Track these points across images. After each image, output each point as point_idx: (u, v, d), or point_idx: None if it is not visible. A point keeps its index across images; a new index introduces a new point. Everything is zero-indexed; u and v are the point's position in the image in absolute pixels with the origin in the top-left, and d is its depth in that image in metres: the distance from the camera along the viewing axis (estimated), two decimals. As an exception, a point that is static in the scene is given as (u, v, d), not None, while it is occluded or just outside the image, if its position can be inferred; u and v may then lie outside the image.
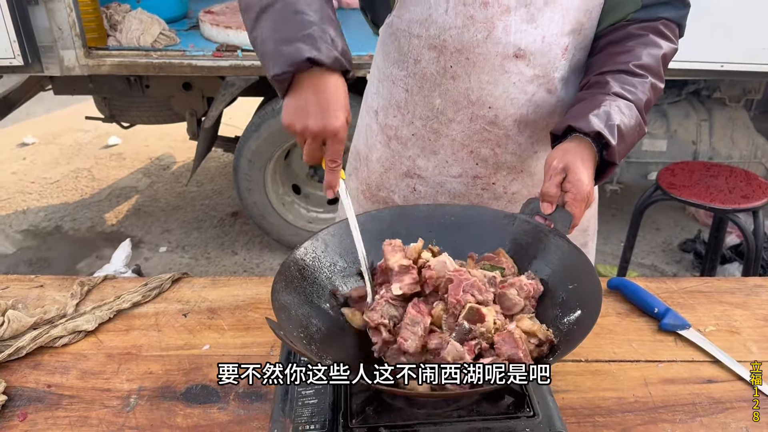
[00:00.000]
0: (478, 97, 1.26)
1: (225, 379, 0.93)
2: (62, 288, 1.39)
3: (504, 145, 1.32)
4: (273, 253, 3.87)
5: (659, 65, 1.23)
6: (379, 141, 1.41)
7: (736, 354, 1.19)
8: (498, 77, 1.24)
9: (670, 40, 1.26)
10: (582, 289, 1.00)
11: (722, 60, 3.06)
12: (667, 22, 1.25)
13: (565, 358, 0.95)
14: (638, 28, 1.24)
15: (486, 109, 1.27)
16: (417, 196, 1.41)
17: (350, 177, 1.55)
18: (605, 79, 1.20)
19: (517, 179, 1.37)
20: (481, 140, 1.31)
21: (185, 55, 3.18)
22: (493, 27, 1.19)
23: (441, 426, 0.92)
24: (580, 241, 1.49)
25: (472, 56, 1.22)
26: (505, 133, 1.30)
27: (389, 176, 1.42)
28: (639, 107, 1.19)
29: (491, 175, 1.36)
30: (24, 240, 4.04)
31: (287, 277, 1.03)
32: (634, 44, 1.22)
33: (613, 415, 1.06)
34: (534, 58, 1.22)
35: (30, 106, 4.22)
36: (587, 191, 1.09)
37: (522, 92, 1.26)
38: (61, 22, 2.96)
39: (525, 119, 1.29)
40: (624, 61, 1.21)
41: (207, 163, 4.86)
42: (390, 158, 1.41)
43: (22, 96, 3.78)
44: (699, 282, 1.42)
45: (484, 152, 1.33)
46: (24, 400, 1.09)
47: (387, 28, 1.30)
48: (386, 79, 1.36)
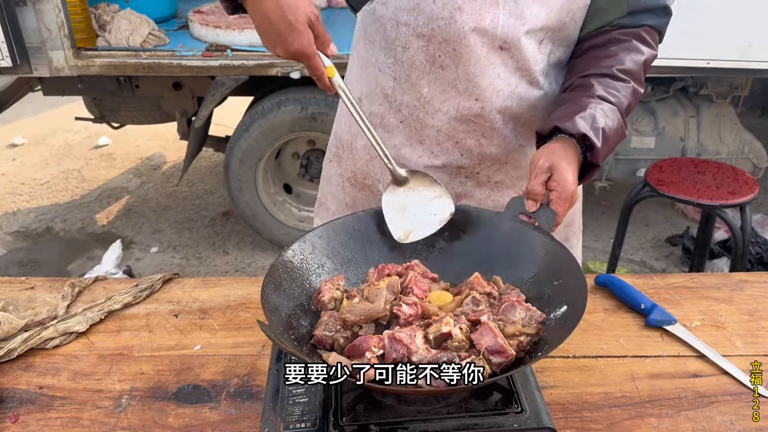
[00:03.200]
0: (465, 87, 1.27)
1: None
2: (53, 289, 1.40)
3: (489, 137, 1.33)
4: (264, 252, 3.88)
5: (641, 70, 1.26)
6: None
7: (722, 349, 1.21)
8: (484, 68, 1.25)
9: (651, 46, 1.29)
10: (567, 286, 1.02)
11: (709, 57, 3.08)
12: (650, 29, 1.28)
13: (552, 354, 0.96)
14: (622, 34, 1.26)
15: (473, 101, 1.28)
16: None
17: (331, 163, 1.55)
18: (590, 82, 1.22)
19: (501, 170, 1.39)
20: (467, 131, 1.32)
21: (175, 55, 3.18)
22: (481, 19, 1.20)
23: (430, 423, 0.93)
24: (561, 236, 1.51)
25: (459, 47, 1.23)
26: (490, 125, 1.31)
27: (374, 165, 1.43)
28: (621, 110, 1.21)
29: (476, 166, 1.38)
30: (14, 241, 4.03)
31: (276, 279, 1.04)
32: (618, 49, 1.25)
33: (601, 410, 1.07)
34: (517, 51, 1.24)
35: (19, 106, 4.20)
36: (572, 190, 1.11)
37: (506, 84, 1.27)
38: (50, 22, 2.95)
39: (509, 111, 1.30)
40: (608, 65, 1.23)
41: (198, 162, 4.85)
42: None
43: (12, 97, 3.76)
44: (685, 278, 1.44)
45: (470, 143, 1.34)
46: (16, 401, 1.10)
47: (369, 15, 1.31)
48: (371, 66, 1.36)
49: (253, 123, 3.40)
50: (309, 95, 3.32)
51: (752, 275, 1.45)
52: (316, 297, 1.07)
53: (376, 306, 1.01)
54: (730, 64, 3.13)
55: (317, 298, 1.07)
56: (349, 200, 1.50)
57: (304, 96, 3.33)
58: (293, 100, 3.33)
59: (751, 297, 1.37)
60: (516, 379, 0.99)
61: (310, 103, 3.33)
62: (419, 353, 0.92)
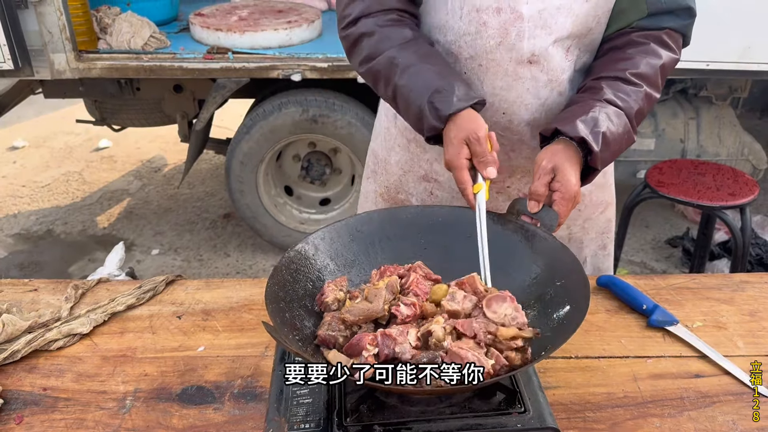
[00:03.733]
0: (491, 102, 1.28)
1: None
2: (56, 291, 1.40)
3: (518, 150, 1.34)
4: (266, 254, 3.88)
5: (657, 75, 1.23)
6: (398, 144, 1.43)
7: (723, 349, 1.21)
8: (511, 83, 1.25)
9: (672, 50, 1.26)
10: (570, 286, 1.02)
11: (708, 59, 3.09)
12: (671, 32, 1.25)
13: (555, 355, 0.97)
14: (641, 36, 1.24)
15: (500, 115, 1.29)
16: (434, 200, 1.43)
17: (368, 180, 1.56)
18: (600, 84, 1.21)
19: (530, 182, 1.38)
20: None
21: (176, 57, 3.18)
22: (506, 33, 1.21)
23: (434, 423, 0.93)
24: (599, 242, 1.53)
25: (484, 62, 1.24)
26: (519, 138, 1.32)
27: (407, 179, 1.44)
28: (629, 115, 1.19)
29: (505, 179, 1.38)
30: (15, 244, 4.03)
31: (279, 280, 1.04)
32: (635, 52, 1.23)
33: (603, 410, 1.08)
34: (547, 63, 1.24)
35: (20, 109, 4.21)
36: (575, 191, 1.12)
37: (535, 97, 1.27)
38: (51, 25, 2.96)
39: (538, 123, 1.30)
40: (621, 69, 1.21)
41: (199, 165, 4.85)
42: (408, 161, 1.43)
43: (13, 99, 3.76)
44: (686, 279, 1.44)
45: (499, 157, 1.34)
46: (20, 403, 1.10)
47: None
48: None
49: (254, 125, 3.40)
50: (310, 97, 3.33)
51: (753, 276, 1.46)
52: (320, 298, 1.08)
53: (375, 306, 1.01)
54: (729, 66, 3.13)
55: (320, 299, 1.07)
56: None
57: (305, 98, 3.33)
58: (294, 103, 3.34)
59: (752, 297, 1.37)
60: (519, 379, 0.99)
61: (311, 106, 3.33)
62: (404, 348, 0.93)
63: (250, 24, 3.36)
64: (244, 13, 3.57)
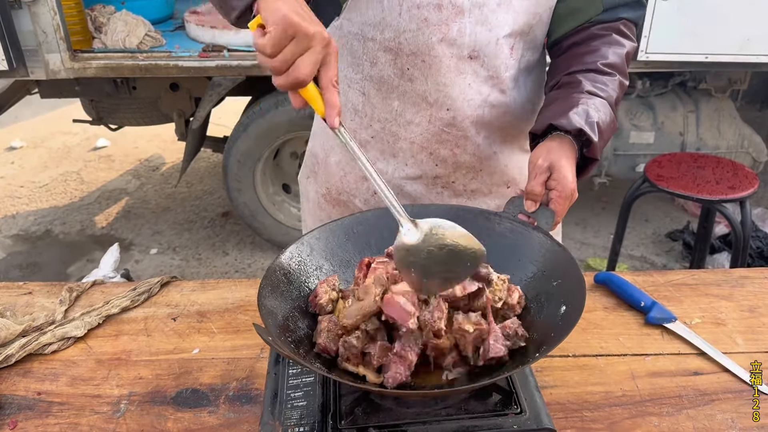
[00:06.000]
0: (435, 98, 1.27)
1: None
2: (51, 294, 1.39)
3: (463, 146, 1.33)
4: (264, 252, 3.87)
5: (624, 63, 1.26)
6: (336, 144, 1.41)
7: (722, 346, 1.20)
8: (454, 78, 1.24)
9: (630, 39, 1.29)
10: (566, 285, 1.01)
11: (707, 51, 3.08)
12: (627, 22, 1.28)
13: (552, 354, 0.96)
14: (601, 29, 1.26)
15: (444, 111, 1.28)
16: (377, 199, 1.40)
17: (308, 179, 1.54)
18: (577, 78, 1.22)
19: (476, 178, 1.38)
20: (440, 141, 1.32)
21: (171, 56, 3.17)
22: (448, 29, 1.20)
23: (430, 425, 0.92)
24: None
25: (428, 59, 1.22)
26: (463, 134, 1.31)
27: (348, 180, 1.42)
28: (611, 104, 1.21)
29: (450, 174, 1.37)
30: (14, 245, 4.02)
31: (273, 282, 1.03)
32: (599, 44, 1.25)
33: (601, 409, 1.07)
34: (487, 59, 1.24)
35: (17, 109, 4.20)
36: (572, 188, 1.11)
37: (477, 93, 1.27)
38: (46, 25, 2.94)
39: (481, 120, 1.30)
40: (592, 61, 1.23)
41: (196, 163, 4.85)
42: (349, 162, 1.40)
43: (9, 100, 3.76)
44: (685, 275, 1.43)
45: (444, 153, 1.33)
46: (14, 408, 1.09)
47: (336, 30, 1.29)
48: (340, 82, 1.34)
49: (251, 123, 3.39)
50: (307, 95, 3.31)
51: (753, 271, 1.45)
52: (313, 300, 1.07)
53: (367, 302, 1.00)
54: (728, 58, 3.12)
55: (314, 300, 1.06)
56: (325, 217, 1.48)
57: (302, 95, 3.31)
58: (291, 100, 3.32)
59: (752, 293, 1.36)
60: (515, 380, 0.98)
61: (307, 103, 3.32)
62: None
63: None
64: (240, 10, 3.54)
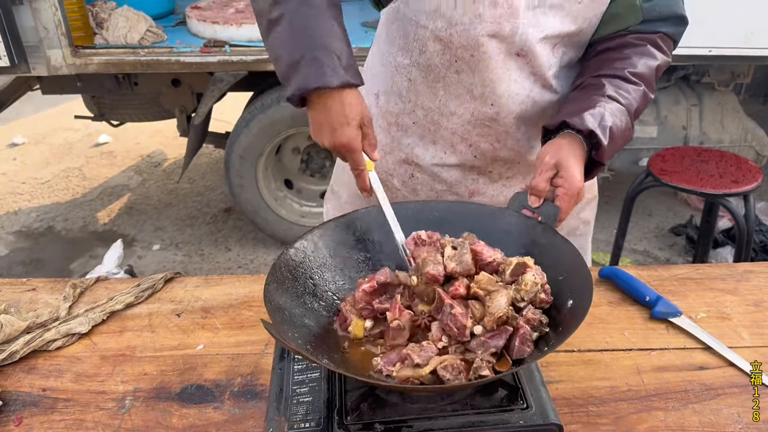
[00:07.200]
0: (480, 93, 1.27)
1: None
2: (54, 291, 1.39)
3: (503, 141, 1.34)
4: (267, 248, 3.87)
5: (652, 75, 1.25)
6: (379, 125, 1.42)
7: (727, 340, 1.20)
8: (501, 74, 1.25)
9: (665, 53, 1.28)
10: (572, 280, 1.01)
11: (710, 45, 3.06)
12: (665, 37, 1.27)
13: (557, 349, 0.95)
14: (637, 38, 1.26)
15: (488, 107, 1.28)
16: (415, 181, 1.42)
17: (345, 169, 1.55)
18: (601, 81, 1.21)
19: (512, 168, 1.40)
20: (481, 135, 1.33)
21: (173, 51, 3.16)
22: (500, 27, 1.20)
23: (435, 420, 0.92)
24: (572, 224, 1.50)
25: (476, 54, 1.23)
26: (505, 129, 1.32)
27: (388, 160, 1.43)
28: (630, 112, 1.21)
29: (488, 165, 1.38)
30: (16, 241, 4.03)
31: (278, 278, 1.03)
32: (631, 52, 1.24)
33: (606, 404, 1.07)
34: (533, 57, 1.24)
35: (19, 106, 4.19)
36: (579, 187, 1.11)
37: (522, 88, 1.27)
38: (47, 21, 2.93)
39: (524, 116, 1.30)
40: (620, 67, 1.23)
41: (198, 159, 4.84)
42: (390, 143, 1.42)
43: (10, 96, 3.75)
44: (690, 269, 1.43)
45: (483, 146, 1.34)
46: (19, 404, 1.09)
47: (393, 13, 1.30)
48: (389, 65, 1.36)
49: (253, 119, 3.39)
50: (308, 90, 3.30)
51: (757, 265, 1.44)
52: (342, 323, 1.06)
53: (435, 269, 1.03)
54: (732, 52, 3.11)
55: (343, 324, 1.06)
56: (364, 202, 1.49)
57: (304, 91, 3.31)
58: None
59: (757, 287, 1.36)
60: (521, 375, 0.98)
61: (309, 98, 3.31)
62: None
63: (246, 16, 3.33)
64: (241, 5, 3.54)
